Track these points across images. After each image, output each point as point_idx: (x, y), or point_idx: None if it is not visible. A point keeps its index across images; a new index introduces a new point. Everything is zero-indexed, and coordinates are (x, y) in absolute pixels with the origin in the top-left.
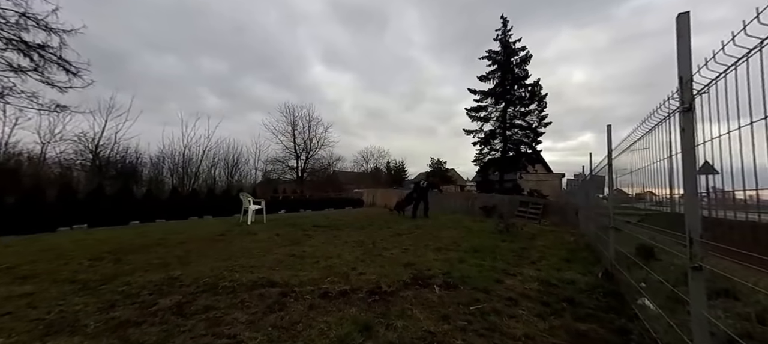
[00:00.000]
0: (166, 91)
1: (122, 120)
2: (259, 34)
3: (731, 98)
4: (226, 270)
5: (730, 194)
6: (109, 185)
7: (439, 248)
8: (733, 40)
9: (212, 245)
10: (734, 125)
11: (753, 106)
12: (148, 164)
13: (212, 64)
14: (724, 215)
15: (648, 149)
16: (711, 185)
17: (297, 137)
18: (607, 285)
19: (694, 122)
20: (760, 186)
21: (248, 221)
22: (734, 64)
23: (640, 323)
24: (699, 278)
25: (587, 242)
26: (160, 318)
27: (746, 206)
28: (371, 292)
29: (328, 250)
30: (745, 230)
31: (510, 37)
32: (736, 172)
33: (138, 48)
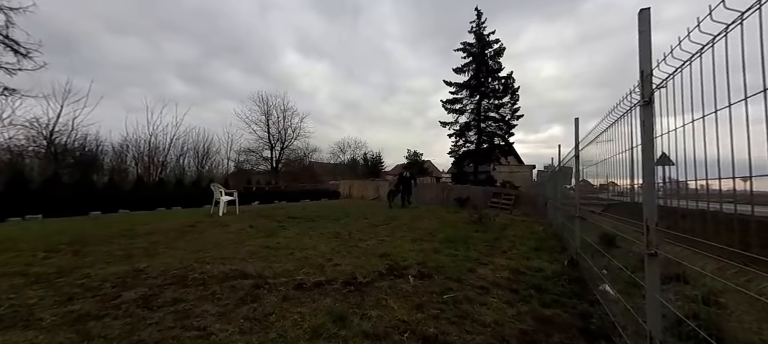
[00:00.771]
0: (129, 76)
1: (80, 106)
2: (228, 18)
3: (687, 92)
4: (197, 261)
5: (683, 184)
6: (67, 174)
7: (414, 239)
8: (689, 36)
9: (181, 237)
10: (689, 118)
11: (706, 100)
12: (110, 153)
13: (179, 48)
14: (678, 204)
15: (612, 142)
16: (668, 175)
17: (271, 127)
18: (572, 272)
19: (653, 115)
20: (710, 177)
21: (220, 213)
22: (689, 60)
23: (600, 307)
24: (654, 264)
25: (555, 232)
26: (123, 311)
27: (697, 195)
28: (346, 283)
29: (304, 242)
30: (696, 218)
31: (484, 29)
32: (689, 163)
33: (97, 30)
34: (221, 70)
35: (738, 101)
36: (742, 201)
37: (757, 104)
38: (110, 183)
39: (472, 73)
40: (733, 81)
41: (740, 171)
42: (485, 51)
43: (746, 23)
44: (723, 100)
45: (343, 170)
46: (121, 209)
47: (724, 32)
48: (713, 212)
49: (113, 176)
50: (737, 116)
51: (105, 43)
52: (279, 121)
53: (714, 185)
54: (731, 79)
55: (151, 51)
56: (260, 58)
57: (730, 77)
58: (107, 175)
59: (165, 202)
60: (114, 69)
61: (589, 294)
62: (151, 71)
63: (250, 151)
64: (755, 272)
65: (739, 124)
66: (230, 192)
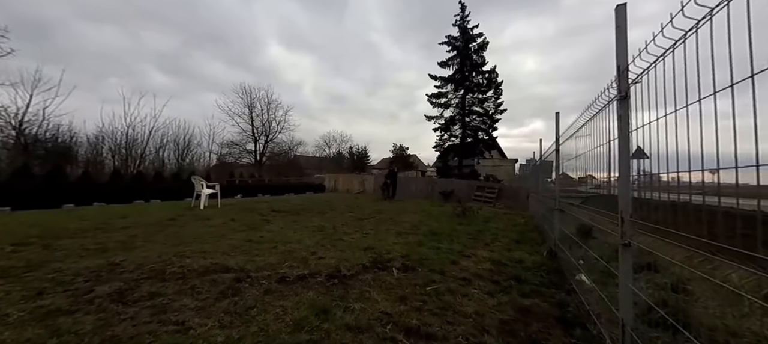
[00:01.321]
0: (105, 66)
1: (51, 95)
2: (211, 8)
3: (660, 87)
4: (176, 255)
5: (656, 176)
6: (38, 166)
7: (399, 232)
8: (662, 32)
9: (160, 231)
10: (663, 113)
11: (678, 95)
12: (84, 144)
13: (158, 38)
14: (651, 197)
15: (590, 136)
16: (642, 169)
17: (255, 120)
18: (551, 263)
19: (629, 110)
20: (680, 170)
21: (201, 206)
22: (662, 56)
23: (576, 296)
24: (628, 254)
25: (536, 224)
26: (96, 305)
27: (669, 188)
28: (330, 276)
29: (288, 235)
30: (668, 209)
31: (468, 22)
32: (662, 156)
33: (70, 17)
34: (203, 61)
35: (706, 96)
36: (710, 193)
37: (726, 98)
38: (85, 175)
39: (456, 67)
40: (704, 77)
41: (709, 164)
42: (469, 45)
43: (715, 19)
44: (694, 95)
45: (329, 163)
46: (97, 202)
47: (695, 28)
48: (683, 204)
49: (88, 168)
50: (707, 111)
51: (79, 31)
52: (263, 113)
53: (685, 178)
54: (703, 75)
55: (129, 40)
56: (243, 49)
57: (702, 73)
58: (82, 167)
59: (143, 195)
60: (89, 58)
61: (566, 284)
62: (129, 62)
63: (234, 143)
64: (721, 260)
65: (709, 119)
66: (212, 185)
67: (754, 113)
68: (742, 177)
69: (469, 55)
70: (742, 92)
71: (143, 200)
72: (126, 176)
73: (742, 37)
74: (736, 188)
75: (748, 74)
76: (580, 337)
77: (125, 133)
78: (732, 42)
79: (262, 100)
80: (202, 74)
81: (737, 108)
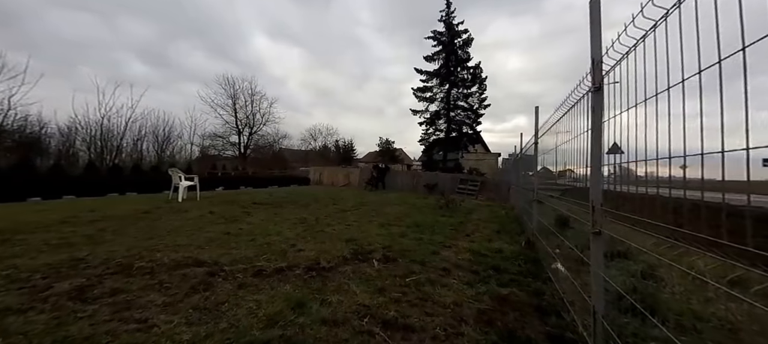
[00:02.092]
0: (77, 54)
1: (17, 82)
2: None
3: (631, 79)
4: (146, 249)
5: (627, 167)
6: (4, 157)
7: (382, 224)
8: (634, 22)
9: (133, 224)
10: (632, 102)
11: (647, 86)
12: (56, 135)
13: (137, 27)
14: (622, 189)
15: (568, 130)
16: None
17: (238, 112)
18: (529, 252)
19: (602, 101)
20: (648, 158)
21: (179, 199)
22: (633, 46)
23: (551, 285)
24: (599, 241)
25: (516, 216)
26: (51, 304)
27: (638, 180)
28: (309, 268)
29: (268, 228)
30: (637, 200)
31: (453, 18)
32: (631, 148)
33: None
34: (184, 51)
35: (675, 84)
36: (677, 186)
37: (692, 90)
38: (55, 168)
39: (442, 61)
40: (674, 67)
41: (676, 154)
42: (455, 40)
43: (684, 7)
44: (664, 85)
45: (315, 157)
46: (67, 195)
47: (665, 17)
48: (652, 196)
49: (60, 160)
50: (676, 100)
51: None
52: (247, 105)
53: (654, 168)
54: (672, 65)
55: (105, 29)
56: (226, 40)
57: (671, 63)
58: (53, 159)
59: (119, 188)
60: (59, 46)
61: (543, 273)
62: (105, 50)
63: (217, 136)
64: (686, 246)
65: (678, 109)
66: (190, 177)
67: (721, 99)
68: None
69: (455, 50)
70: (711, 82)
71: (118, 193)
72: (101, 169)
73: (709, 25)
74: (702, 179)
75: (716, 60)
76: (555, 325)
77: (100, 124)
78: (700, 31)
79: (245, 91)
80: (183, 64)
81: (709, 99)
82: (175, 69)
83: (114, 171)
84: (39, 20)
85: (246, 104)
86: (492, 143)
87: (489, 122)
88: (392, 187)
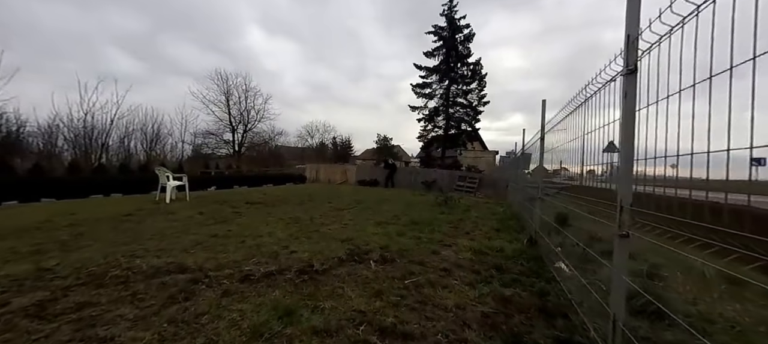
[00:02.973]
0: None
1: None
2: None
3: (675, 61)
4: (125, 255)
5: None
6: None
7: (379, 222)
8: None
9: (115, 227)
10: (676, 89)
11: (698, 69)
12: (36, 134)
13: (122, 19)
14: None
15: (579, 122)
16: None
17: (232, 108)
18: (531, 251)
19: (637, 86)
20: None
21: (167, 200)
22: (680, 23)
23: (556, 284)
24: (624, 245)
25: (514, 213)
26: (4, 323)
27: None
28: (301, 271)
29: (259, 228)
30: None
31: (455, 13)
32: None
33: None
34: (173, 44)
35: (721, 72)
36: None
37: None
38: (34, 169)
39: (442, 57)
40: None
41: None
42: (455, 36)
43: None
44: (718, 67)
45: (312, 154)
46: (46, 198)
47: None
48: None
49: (40, 160)
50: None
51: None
52: (241, 101)
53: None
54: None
55: (89, 22)
56: (218, 33)
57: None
58: (34, 159)
59: (103, 188)
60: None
61: (546, 272)
62: (89, 44)
63: (210, 133)
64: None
65: (726, 97)
66: (179, 176)
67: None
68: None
69: (455, 46)
70: None
71: (103, 195)
72: (85, 169)
73: None
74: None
75: None
76: (564, 329)
77: (83, 121)
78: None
79: (239, 87)
80: (172, 58)
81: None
82: (164, 63)
83: (99, 171)
84: (13, 11)
85: (240, 100)
86: (488, 140)
87: (485, 120)
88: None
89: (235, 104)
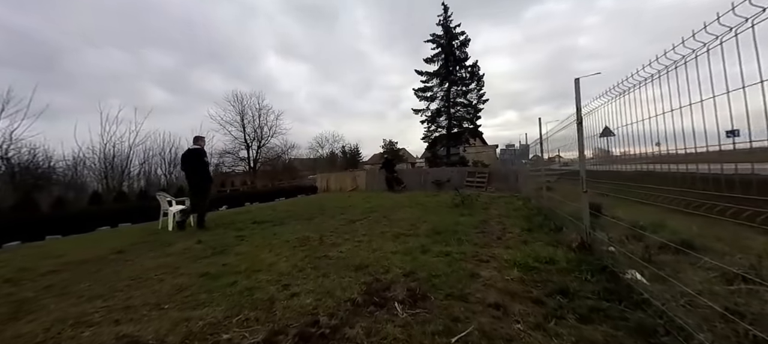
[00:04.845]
0: (106, 88)
1: (19, 117)
2: (209, 27)
3: None
4: (77, 323)
5: None
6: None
7: (397, 234)
8: None
9: (96, 272)
10: None
11: None
12: (62, 167)
13: (158, 57)
14: None
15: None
16: None
17: (246, 126)
18: (589, 258)
19: None
20: None
21: (170, 227)
22: None
23: (654, 309)
24: None
25: (536, 206)
26: None
27: None
28: (301, 337)
29: (259, 258)
30: None
31: (451, 21)
32: None
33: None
34: (202, 78)
35: None
36: None
37: None
38: (57, 203)
39: (441, 62)
40: None
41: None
42: (452, 42)
43: None
44: None
45: (323, 164)
46: (54, 234)
47: None
48: None
49: (65, 193)
50: None
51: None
52: (254, 119)
53: None
54: None
55: (130, 62)
56: (240, 63)
57: None
58: (60, 193)
59: (111, 220)
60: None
61: (624, 290)
62: (128, 82)
63: (227, 152)
64: None
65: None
66: (182, 200)
67: None
68: None
69: (453, 51)
70: None
71: (110, 226)
72: (106, 199)
73: None
74: None
75: None
76: None
77: (103, 151)
78: None
79: (253, 106)
80: (200, 90)
81: None
82: (192, 94)
83: (120, 199)
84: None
85: (254, 118)
86: (486, 136)
87: (483, 118)
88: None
89: (250, 122)
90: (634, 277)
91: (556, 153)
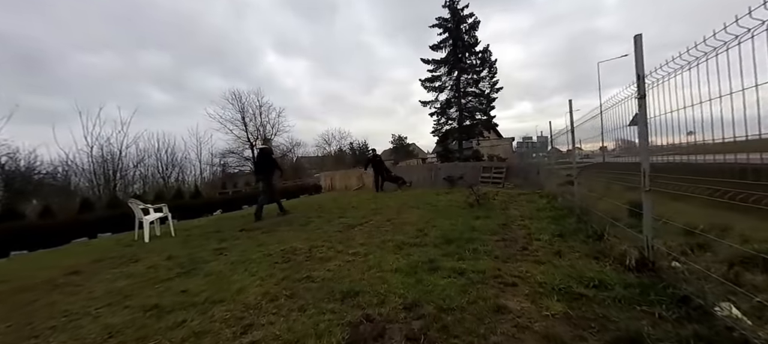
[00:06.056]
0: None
1: None
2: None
3: None
4: None
5: None
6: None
7: (400, 244)
8: None
9: (27, 305)
10: None
11: None
12: (49, 173)
13: (153, 58)
14: None
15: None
16: None
17: (248, 125)
18: (655, 281)
19: None
20: None
21: (146, 238)
22: None
23: None
24: None
25: (564, 205)
26: None
27: None
28: None
29: (229, 280)
30: None
31: (458, 3)
32: None
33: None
34: (199, 77)
35: None
36: None
37: None
38: (44, 212)
39: (449, 48)
40: None
41: None
42: (460, 26)
43: None
44: None
45: (331, 161)
46: (15, 251)
47: None
48: None
49: (54, 200)
50: None
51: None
52: (255, 117)
53: None
54: None
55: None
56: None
57: None
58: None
59: (90, 230)
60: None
61: (723, 335)
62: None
63: (230, 152)
64: None
65: None
66: (159, 207)
67: None
68: None
69: (461, 36)
70: None
71: (88, 237)
72: (96, 206)
73: None
74: None
75: None
76: None
77: (89, 153)
78: None
79: (252, 104)
80: (198, 89)
81: None
82: (190, 94)
83: (113, 205)
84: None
85: (254, 116)
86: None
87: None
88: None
89: (251, 120)
90: (730, 313)
91: (577, 145)
